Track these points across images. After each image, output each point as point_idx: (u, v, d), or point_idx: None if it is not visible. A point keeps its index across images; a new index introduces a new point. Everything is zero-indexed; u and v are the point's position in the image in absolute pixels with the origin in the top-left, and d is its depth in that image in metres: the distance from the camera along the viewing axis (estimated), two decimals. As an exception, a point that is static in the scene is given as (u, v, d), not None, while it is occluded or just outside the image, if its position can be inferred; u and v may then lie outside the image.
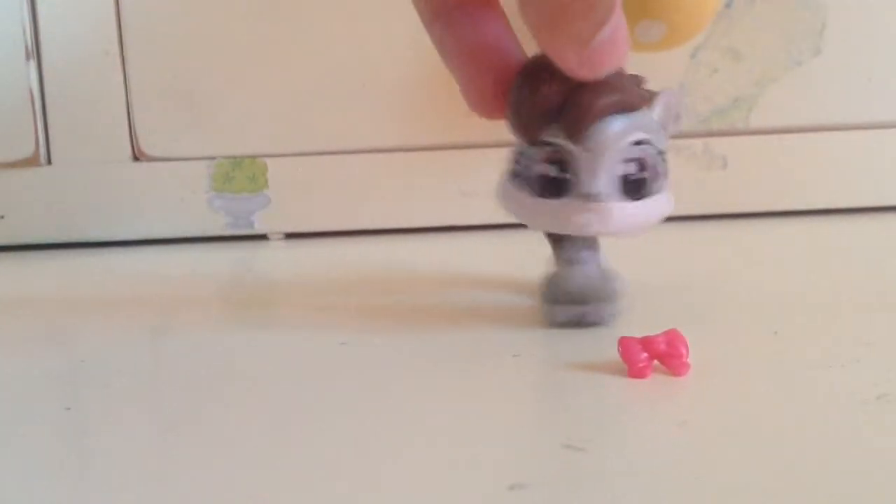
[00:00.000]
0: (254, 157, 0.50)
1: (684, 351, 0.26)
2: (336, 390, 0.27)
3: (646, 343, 0.27)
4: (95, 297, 0.41)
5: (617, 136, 0.28)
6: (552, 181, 0.29)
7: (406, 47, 0.48)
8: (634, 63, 0.48)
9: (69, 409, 0.26)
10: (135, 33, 0.49)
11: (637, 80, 0.30)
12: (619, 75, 0.28)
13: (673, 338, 0.27)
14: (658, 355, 0.26)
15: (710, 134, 0.50)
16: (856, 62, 0.49)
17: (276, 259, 0.49)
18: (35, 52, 0.49)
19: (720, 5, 0.47)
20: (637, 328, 0.27)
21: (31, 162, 0.50)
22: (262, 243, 0.51)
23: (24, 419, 0.26)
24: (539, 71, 0.28)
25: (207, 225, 0.51)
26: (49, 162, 0.50)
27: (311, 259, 0.47)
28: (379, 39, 0.48)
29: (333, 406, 0.26)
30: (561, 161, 0.29)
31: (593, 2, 0.24)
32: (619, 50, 0.27)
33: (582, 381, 0.26)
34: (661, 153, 0.29)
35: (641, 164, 0.29)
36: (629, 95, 0.28)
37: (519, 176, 0.30)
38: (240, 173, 0.50)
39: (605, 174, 0.28)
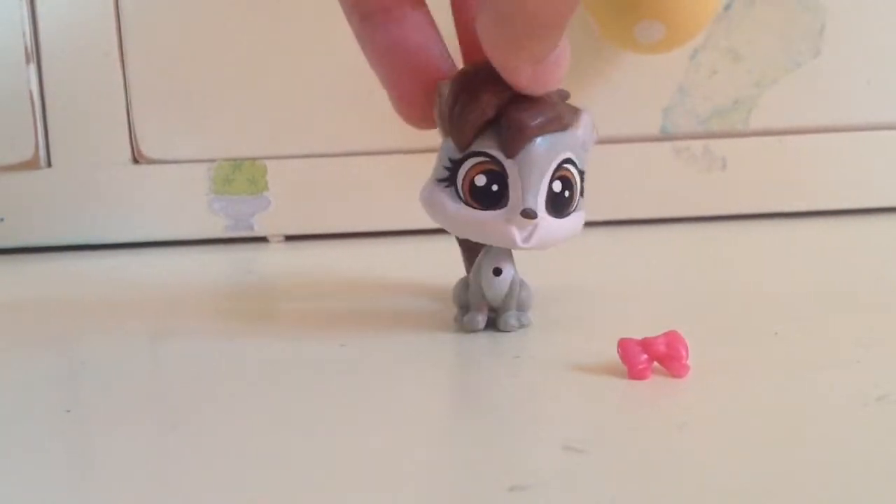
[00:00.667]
0: (254, 159, 0.50)
1: (684, 352, 0.26)
2: (335, 392, 0.27)
3: (645, 344, 0.27)
4: (95, 299, 0.41)
5: (549, 154, 0.29)
6: (482, 191, 0.29)
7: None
8: (634, 63, 0.49)
9: (69, 411, 0.26)
10: (134, 35, 0.49)
11: (563, 96, 0.30)
12: (551, 92, 0.29)
13: (673, 339, 0.27)
14: (658, 357, 0.26)
15: (710, 135, 0.50)
16: (855, 63, 0.49)
17: (276, 261, 0.49)
18: (35, 54, 0.49)
19: (719, 6, 0.47)
20: (637, 329, 0.27)
21: (30, 164, 0.50)
22: (262, 246, 0.51)
23: (24, 421, 0.26)
24: (478, 79, 0.28)
25: (207, 227, 0.51)
26: (49, 164, 0.50)
27: (311, 261, 0.47)
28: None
29: (333, 407, 0.26)
30: (493, 172, 0.29)
31: (551, 24, 0.25)
32: (565, 67, 0.27)
33: (581, 383, 0.26)
34: (581, 172, 0.30)
35: (567, 182, 0.29)
36: (561, 114, 0.29)
37: (448, 182, 0.30)
38: (240, 175, 0.50)
39: (536, 190, 0.29)
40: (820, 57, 0.49)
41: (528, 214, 0.28)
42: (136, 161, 0.50)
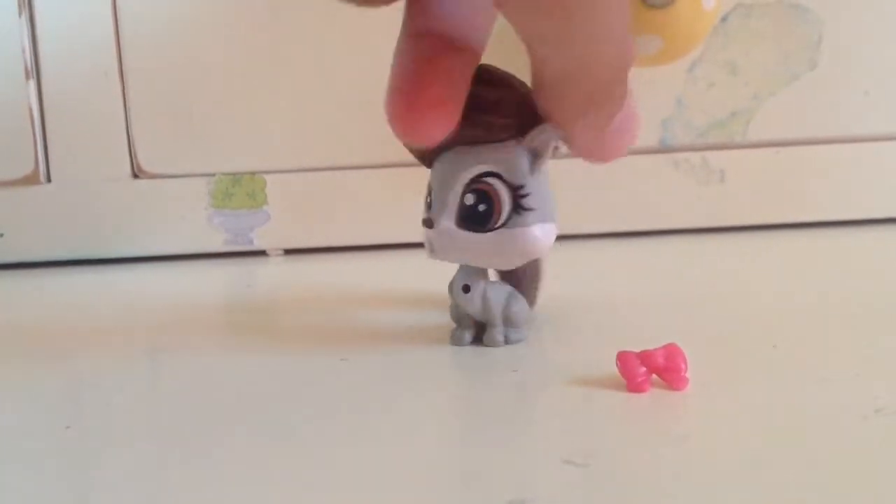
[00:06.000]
0: (253, 173, 0.50)
1: (683, 365, 0.26)
2: (336, 406, 0.27)
3: (644, 357, 0.27)
4: (95, 314, 0.41)
5: (456, 167, 0.29)
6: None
7: (404, 63, 0.48)
8: (633, 76, 0.49)
9: (69, 427, 0.26)
10: (134, 51, 0.49)
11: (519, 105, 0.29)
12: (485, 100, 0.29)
13: (671, 352, 0.27)
14: (656, 369, 0.27)
15: (708, 147, 0.50)
16: (852, 75, 0.49)
17: (276, 275, 0.49)
18: (35, 71, 0.49)
19: (716, 20, 0.47)
20: (635, 342, 0.27)
21: (30, 180, 0.50)
22: (262, 259, 0.51)
23: (23, 437, 0.26)
24: None
25: (207, 241, 0.51)
26: (49, 180, 0.50)
27: (311, 275, 0.47)
28: (377, 56, 0.49)
29: (333, 422, 0.26)
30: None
31: (613, 92, 0.25)
32: (632, 134, 0.28)
33: (580, 396, 0.26)
34: (515, 187, 0.29)
35: (484, 196, 0.29)
36: (481, 129, 0.29)
37: None
38: (239, 190, 0.50)
39: (444, 202, 0.29)
40: (817, 69, 0.49)
41: (424, 223, 0.30)
42: (135, 176, 0.50)
